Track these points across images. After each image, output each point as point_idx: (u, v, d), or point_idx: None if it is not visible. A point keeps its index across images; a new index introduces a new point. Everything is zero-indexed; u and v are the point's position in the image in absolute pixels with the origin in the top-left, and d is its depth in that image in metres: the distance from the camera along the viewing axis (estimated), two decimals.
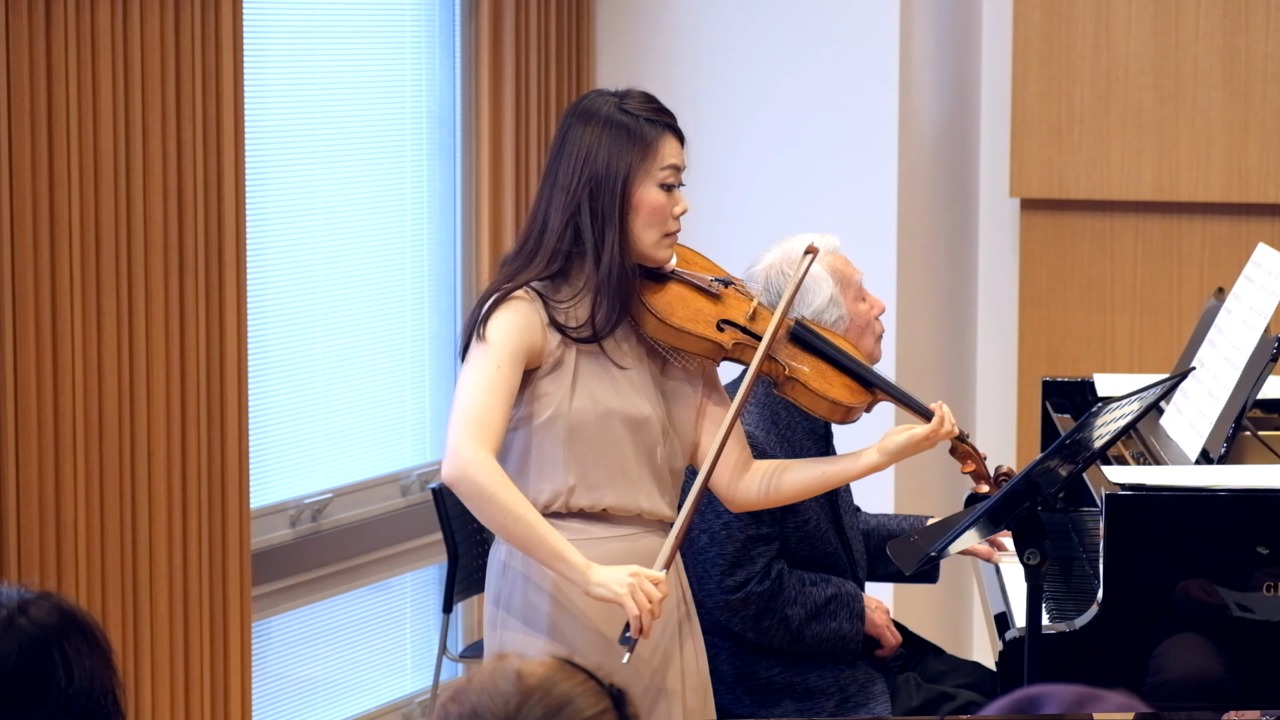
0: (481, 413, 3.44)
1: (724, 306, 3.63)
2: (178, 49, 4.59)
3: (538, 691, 2.01)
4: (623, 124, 3.53)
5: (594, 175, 3.51)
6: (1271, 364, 4.13)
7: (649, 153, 3.53)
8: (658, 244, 3.56)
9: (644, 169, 3.53)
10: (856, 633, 4.18)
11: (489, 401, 3.45)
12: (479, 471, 3.41)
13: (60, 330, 4.38)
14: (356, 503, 5.42)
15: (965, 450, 3.81)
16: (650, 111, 3.57)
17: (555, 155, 3.57)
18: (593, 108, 3.57)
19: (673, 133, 3.58)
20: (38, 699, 2.33)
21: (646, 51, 6.03)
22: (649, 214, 3.53)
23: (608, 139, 3.53)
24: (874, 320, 4.20)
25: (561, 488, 3.54)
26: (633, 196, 3.52)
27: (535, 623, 3.57)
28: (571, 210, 3.51)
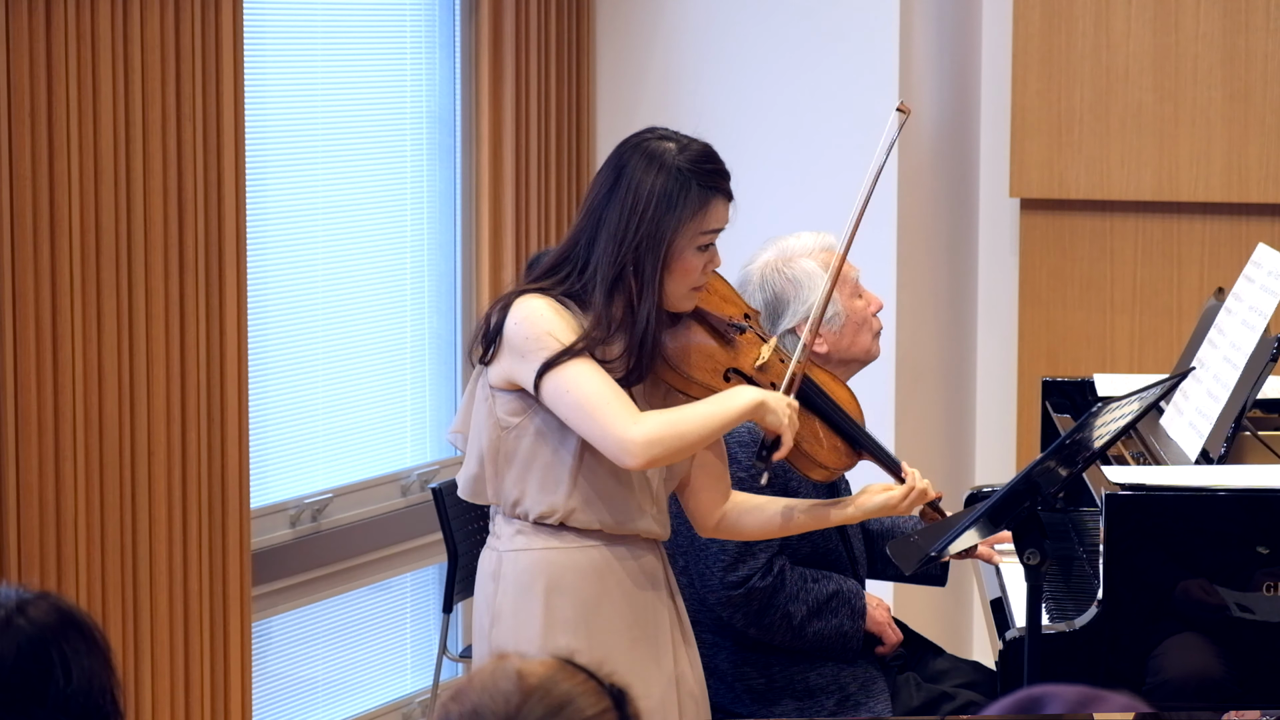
0: (611, 398, 3.43)
1: (735, 354, 3.60)
2: (178, 49, 4.59)
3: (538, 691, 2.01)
4: (681, 181, 3.50)
5: (645, 233, 3.48)
6: (1271, 364, 4.13)
7: (698, 216, 3.51)
8: (684, 298, 3.55)
9: (689, 230, 3.50)
10: (858, 630, 4.18)
11: (609, 387, 3.44)
12: (651, 437, 3.41)
13: (60, 330, 4.38)
14: (356, 503, 5.42)
15: (932, 517, 3.79)
16: (709, 175, 3.53)
17: (608, 192, 3.51)
18: (657, 153, 3.51)
19: (725, 196, 3.56)
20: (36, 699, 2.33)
21: (646, 51, 6.03)
22: (683, 274, 3.52)
23: (663, 192, 3.48)
24: (871, 317, 4.21)
25: (560, 506, 3.53)
26: (673, 258, 3.50)
27: (527, 630, 3.56)
28: (619, 265, 3.47)
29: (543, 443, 3.52)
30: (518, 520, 3.57)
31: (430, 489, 5.01)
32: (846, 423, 3.70)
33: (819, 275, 4.12)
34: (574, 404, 3.44)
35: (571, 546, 3.55)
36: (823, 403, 3.68)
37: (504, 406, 3.53)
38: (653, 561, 3.64)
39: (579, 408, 3.43)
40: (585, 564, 3.55)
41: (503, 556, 3.59)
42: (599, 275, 3.49)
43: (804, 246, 4.17)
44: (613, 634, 3.57)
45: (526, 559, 3.56)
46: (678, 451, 3.46)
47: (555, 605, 3.55)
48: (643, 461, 3.43)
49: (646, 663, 3.60)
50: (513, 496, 3.56)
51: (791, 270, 4.13)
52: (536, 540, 3.56)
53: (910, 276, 5.88)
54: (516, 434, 3.52)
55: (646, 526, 3.60)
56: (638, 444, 3.41)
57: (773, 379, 3.60)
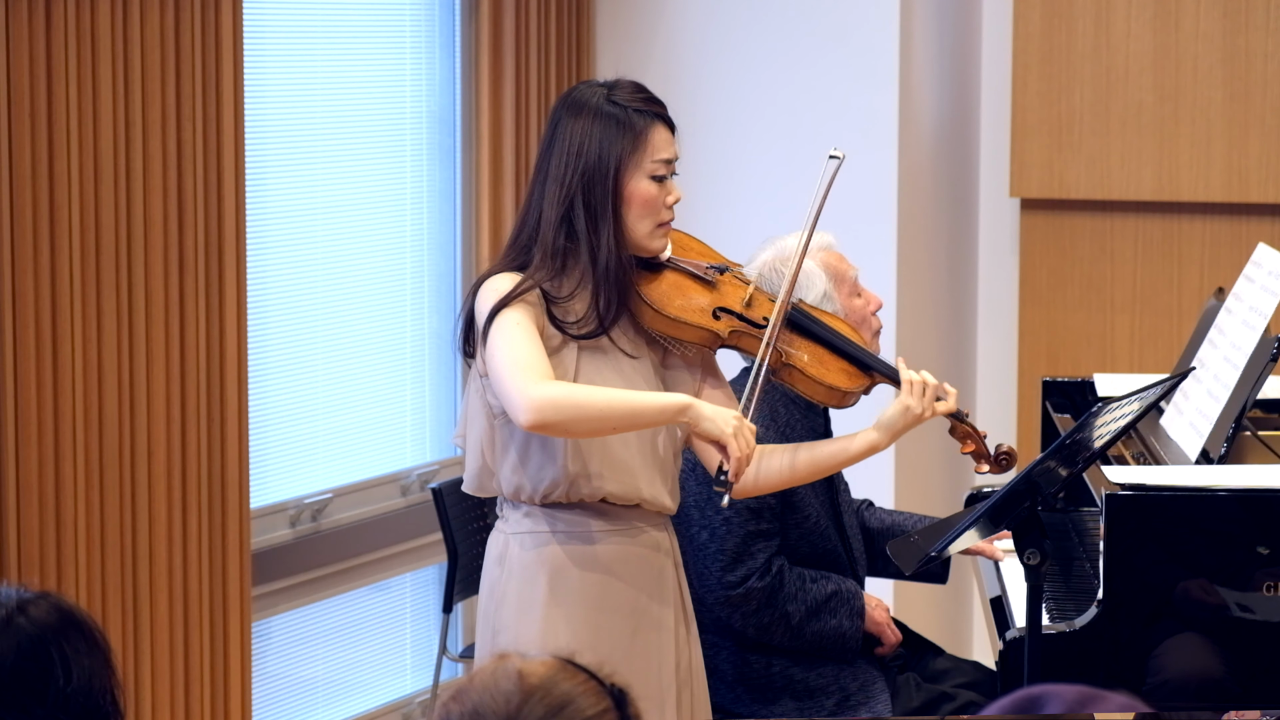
0: (524, 357, 3.40)
1: (720, 294, 3.60)
2: (178, 49, 4.59)
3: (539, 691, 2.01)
4: (612, 114, 3.51)
5: (586, 168, 3.49)
6: (1271, 364, 4.13)
7: (639, 144, 3.51)
8: (651, 234, 3.54)
9: (634, 160, 3.51)
10: (857, 630, 4.18)
11: (527, 348, 3.41)
12: (548, 398, 3.36)
13: (60, 330, 4.38)
14: (356, 503, 5.42)
15: (965, 430, 3.72)
16: (640, 101, 3.54)
17: (546, 148, 3.55)
18: (582, 99, 3.54)
19: (663, 122, 3.55)
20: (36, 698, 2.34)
21: (646, 52, 6.03)
22: (641, 205, 3.52)
23: (598, 130, 3.50)
24: (870, 316, 4.21)
25: (561, 477, 3.52)
26: (625, 189, 3.50)
27: (530, 616, 3.55)
28: (566, 204, 3.49)
29: None
30: (524, 504, 3.57)
31: (430, 489, 5.01)
32: (849, 345, 3.68)
33: (816, 274, 4.13)
34: (492, 370, 3.43)
35: (578, 532, 3.54)
36: (819, 327, 3.67)
37: (493, 392, 3.51)
38: (660, 537, 3.62)
39: (494, 373, 3.43)
40: (591, 553, 3.54)
41: (509, 539, 3.59)
42: (550, 225, 3.50)
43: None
44: (616, 623, 3.57)
45: (532, 541, 3.56)
46: (572, 422, 3.39)
47: (560, 592, 3.54)
48: (531, 419, 3.35)
49: (648, 653, 3.60)
50: (515, 482, 3.55)
51: (789, 269, 4.13)
52: (544, 523, 3.55)
53: (910, 276, 5.88)
54: (508, 419, 3.51)
55: (653, 494, 3.57)
56: (532, 400, 3.35)
57: (764, 313, 3.60)
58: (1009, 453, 3.72)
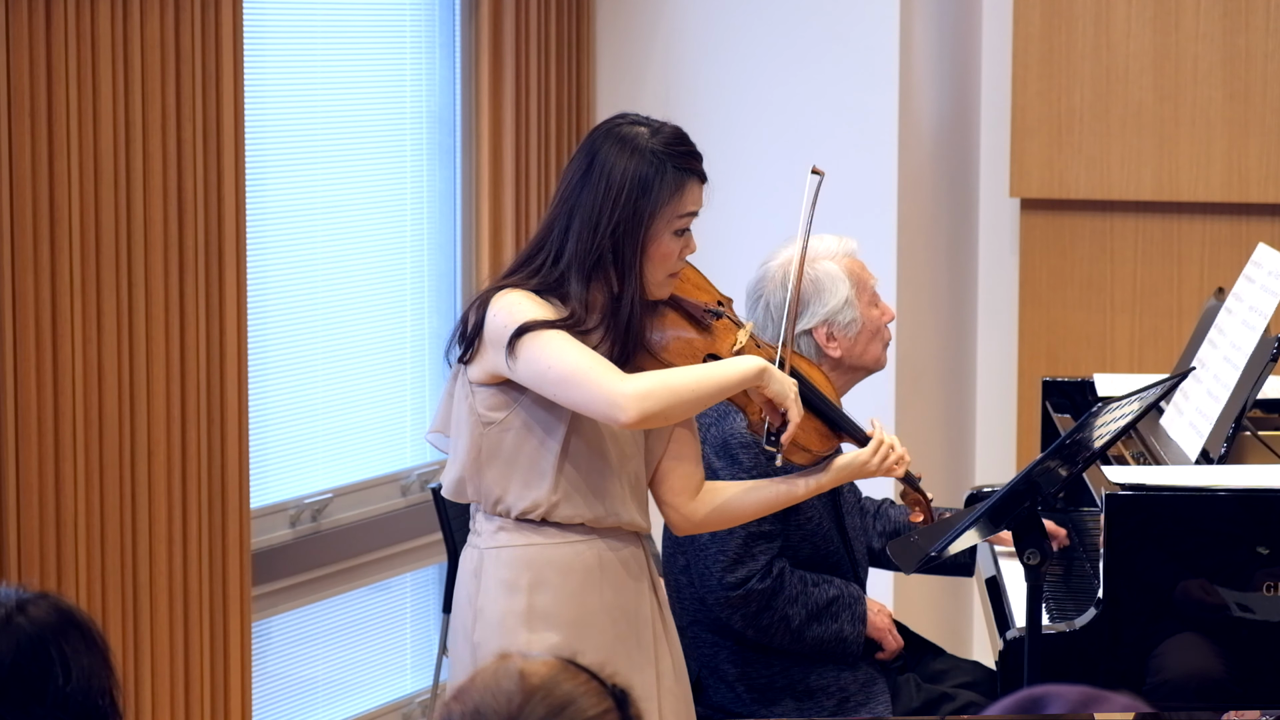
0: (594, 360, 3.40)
1: (713, 339, 3.59)
2: (178, 49, 4.59)
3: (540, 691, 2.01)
4: (654, 164, 3.48)
5: (622, 217, 3.46)
6: (1271, 364, 4.13)
7: (674, 199, 3.49)
8: (661, 284, 3.54)
9: (665, 215, 3.49)
10: (858, 635, 4.17)
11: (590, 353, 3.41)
12: (642, 392, 3.36)
13: (60, 330, 4.38)
14: (356, 503, 5.42)
15: (915, 498, 3.77)
16: (683, 157, 3.51)
17: (580, 178, 3.50)
18: (626, 138, 3.50)
19: (699, 178, 3.53)
20: (35, 697, 2.34)
21: (647, 52, 6.03)
22: (660, 259, 3.51)
23: (638, 178, 3.46)
24: (884, 327, 4.21)
25: (543, 500, 3.51)
26: (650, 242, 3.49)
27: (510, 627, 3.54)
28: (596, 252, 3.46)
29: (527, 438, 3.50)
30: (499, 517, 3.56)
31: (430, 489, 5.01)
32: (825, 405, 3.68)
33: (840, 279, 4.13)
34: (558, 377, 3.40)
35: (554, 543, 3.54)
36: (803, 388, 3.65)
37: (485, 402, 3.51)
38: (635, 553, 3.62)
39: (564, 379, 3.40)
40: (568, 561, 3.54)
41: (484, 554, 3.57)
42: (575, 263, 3.47)
43: (826, 248, 4.18)
44: (596, 632, 3.56)
45: (509, 555, 3.55)
46: (671, 408, 3.40)
47: (538, 603, 3.54)
48: (635, 415, 3.36)
49: (630, 660, 3.59)
50: (495, 494, 3.54)
51: (814, 272, 4.14)
52: (519, 537, 3.55)
53: (910, 276, 5.88)
54: (499, 430, 3.51)
55: (630, 518, 3.59)
56: (629, 397, 3.35)
57: None
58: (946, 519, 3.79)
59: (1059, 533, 4.44)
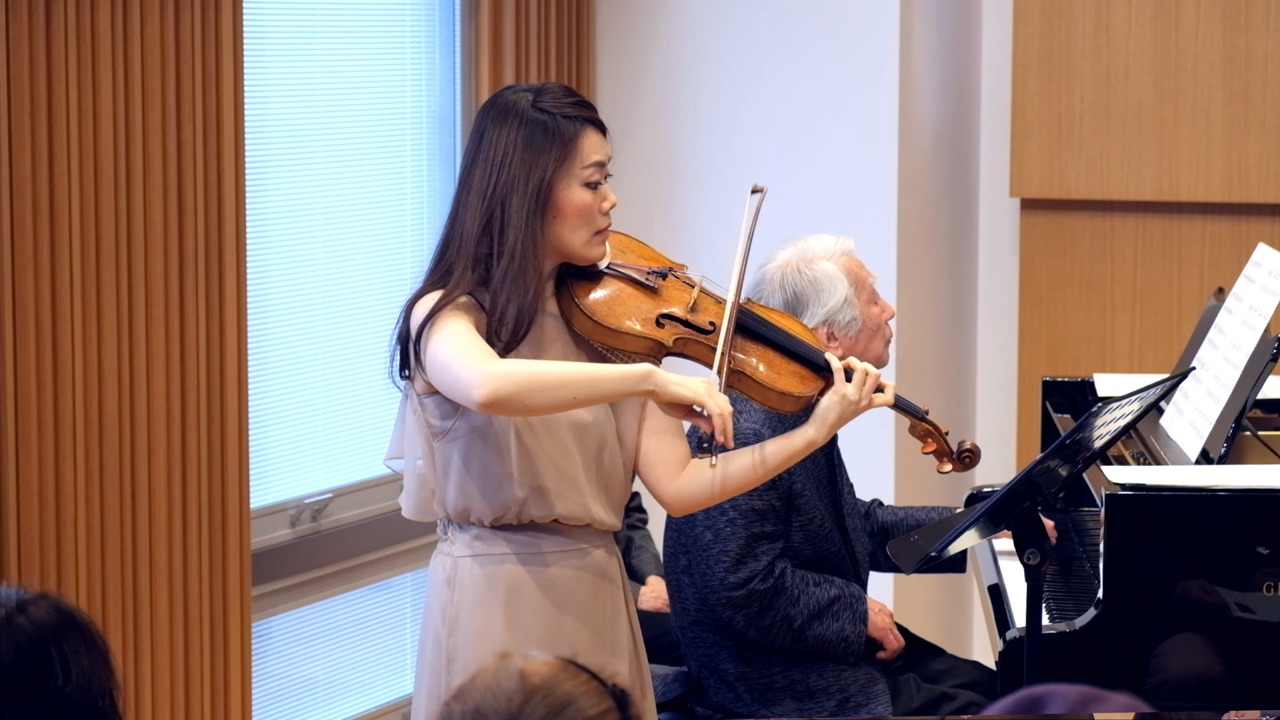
0: (470, 344, 3.29)
1: (662, 299, 3.46)
2: (178, 49, 4.59)
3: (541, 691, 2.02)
4: (539, 122, 3.38)
5: (510, 179, 3.36)
6: (1271, 364, 4.13)
7: (569, 152, 3.38)
8: (589, 243, 3.42)
9: (566, 169, 3.38)
10: (859, 635, 4.18)
11: (471, 337, 3.31)
12: (501, 371, 3.23)
13: (60, 330, 4.38)
14: (356, 503, 5.42)
15: (924, 428, 3.57)
16: (569, 107, 3.40)
17: (470, 158, 3.42)
18: (507, 106, 3.41)
19: (594, 126, 3.42)
20: (34, 697, 2.34)
21: (646, 51, 6.03)
22: (576, 214, 3.39)
23: (524, 140, 3.37)
24: (884, 324, 4.21)
25: (511, 501, 3.42)
26: (558, 199, 3.38)
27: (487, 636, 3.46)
28: (486, 216, 3.37)
29: (477, 442, 3.41)
30: (474, 526, 3.47)
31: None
32: (799, 345, 3.51)
33: (839, 278, 4.13)
34: (439, 364, 3.31)
35: (531, 554, 3.45)
36: (769, 331, 3.51)
37: (434, 412, 3.43)
38: (605, 556, 3.53)
39: (441, 365, 3.30)
40: (545, 574, 3.46)
41: (459, 562, 3.47)
42: (467, 231, 3.39)
43: (824, 248, 4.18)
44: (572, 639, 3.48)
45: (486, 564, 3.46)
46: (530, 393, 3.23)
47: (515, 611, 3.46)
48: (487, 393, 3.21)
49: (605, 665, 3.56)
50: (460, 505, 3.45)
51: (812, 271, 4.14)
52: (495, 546, 3.46)
53: (910, 276, 5.89)
54: (450, 438, 3.42)
55: (600, 515, 3.47)
56: (482, 374, 3.22)
57: (710, 318, 3.45)
58: (972, 449, 3.58)
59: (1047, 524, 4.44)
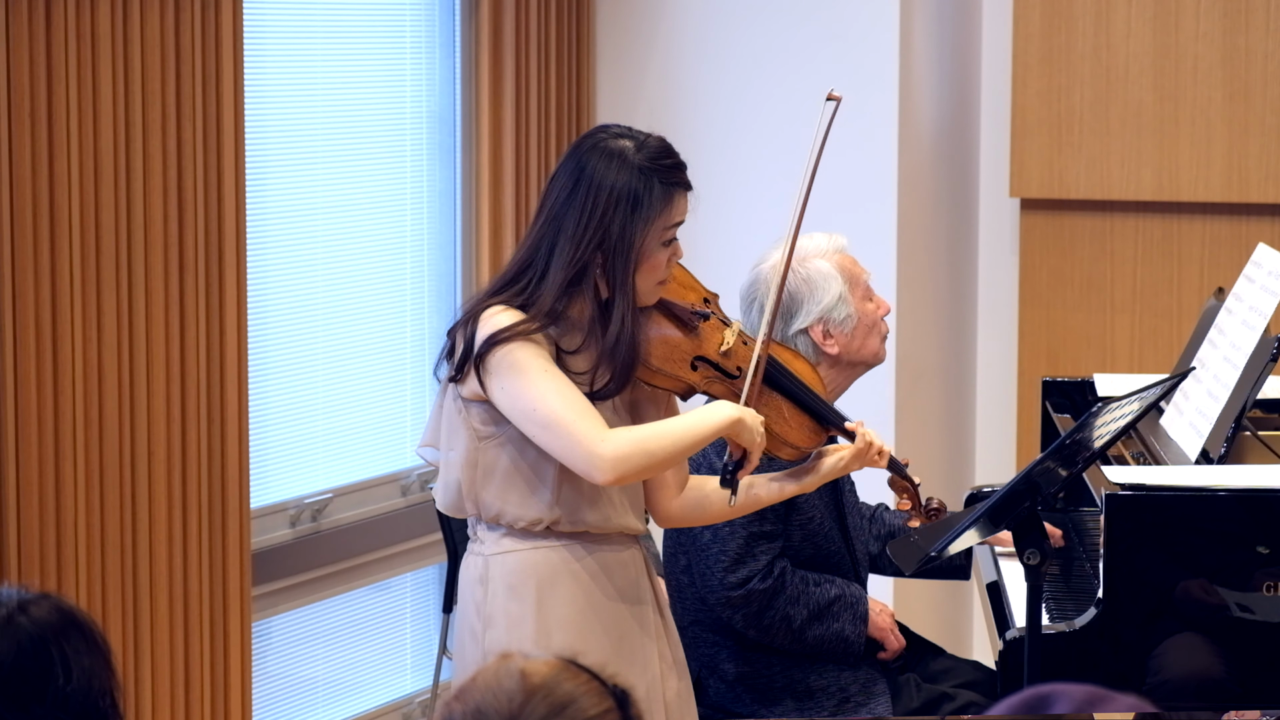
0: (576, 406, 3.40)
1: (700, 341, 3.58)
2: (178, 49, 4.59)
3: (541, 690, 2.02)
4: (644, 181, 3.46)
5: (606, 238, 3.44)
6: (1271, 364, 4.13)
7: (665, 212, 3.48)
8: (650, 293, 3.53)
9: (655, 228, 3.47)
10: (859, 635, 4.17)
11: (573, 395, 3.41)
12: (621, 454, 3.39)
13: (60, 330, 4.38)
14: (356, 503, 5.42)
15: (903, 485, 3.79)
16: (670, 170, 3.49)
17: (567, 195, 3.47)
18: (613, 153, 3.47)
19: (685, 189, 3.52)
20: (35, 696, 2.34)
21: (646, 52, 6.03)
22: (650, 270, 3.49)
23: (628, 194, 3.44)
24: (880, 320, 4.21)
25: (545, 515, 3.52)
26: (641, 256, 3.47)
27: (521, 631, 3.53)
28: (578, 269, 3.44)
29: (523, 452, 3.49)
30: (502, 527, 3.56)
31: (430, 489, 5.01)
32: (812, 399, 3.67)
33: (833, 276, 4.14)
34: (542, 421, 3.40)
35: (558, 545, 3.54)
36: (789, 382, 3.66)
37: (479, 417, 3.50)
38: (635, 555, 3.63)
39: (546, 426, 3.40)
40: (572, 564, 3.54)
41: (489, 560, 3.56)
42: (558, 278, 3.45)
43: (817, 247, 4.18)
44: (601, 632, 3.56)
45: (515, 560, 3.54)
46: (648, 469, 3.45)
47: (548, 605, 3.54)
48: (612, 478, 3.41)
49: (632, 661, 3.60)
50: (495, 509, 3.54)
51: (806, 271, 4.14)
52: (523, 543, 3.54)
53: (910, 276, 5.88)
54: (496, 445, 3.49)
55: (629, 523, 3.59)
56: (607, 460, 3.38)
57: (739, 363, 3.59)
58: (939, 508, 3.81)
59: (1055, 534, 4.44)
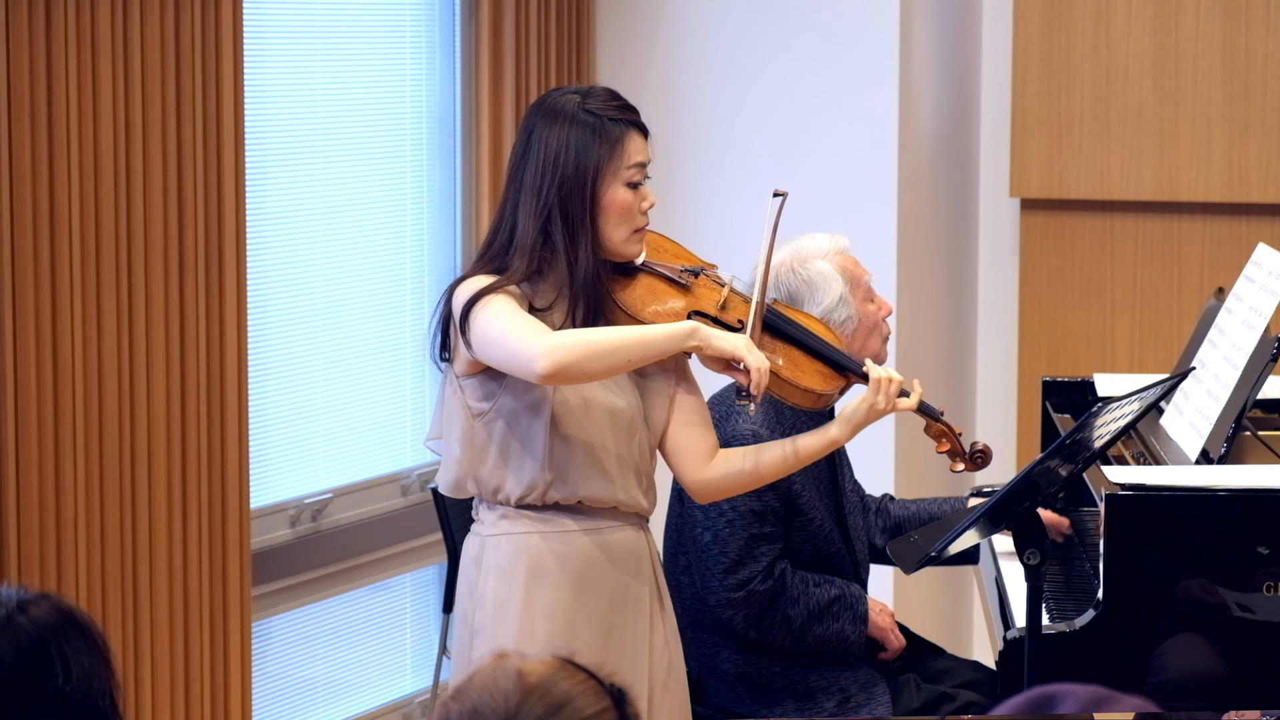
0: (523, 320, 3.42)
1: (694, 298, 3.61)
2: (178, 49, 4.59)
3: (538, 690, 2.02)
4: (587, 123, 3.53)
5: (563, 178, 3.51)
6: (1271, 364, 4.13)
7: (615, 152, 3.53)
8: (627, 240, 3.56)
9: (611, 169, 3.53)
10: (859, 635, 4.18)
11: (522, 315, 3.44)
12: (559, 343, 3.37)
13: (60, 330, 4.38)
14: (356, 503, 5.42)
15: (939, 429, 3.76)
16: (615, 110, 3.56)
17: (521, 156, 3.56)
18: (557, 107, 3.56)
19: (637, 129, 3.58)
20: (35, 696, 2.35)
21: (646, 52, 6.03)
22: (618, 213, 3.54)
23: (574, 140, 3.52)
24: (881, 322, 4.22)
25: (538, 480, 3.54)
26: (601, 197, 3.53)
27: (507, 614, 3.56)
28: (543, 214, 3.51)
29: (515, 422, 3.53)
30: (500, 505, 3.59)
31: (430, 489, 5.01)
32: (823, 346, 3.67)
33: (834, 277, 4.16)
34: (492, 339, 3.43)
35: (554, 531, 3.56)
36: (794, 330, 3.67)
37: (473, 393, 3.55)
38: (635, 536, 3.63)
39: (494, 340, 3.42)
40: (567, 550, 3.56)
41: (485, 541, 3.61)
42: (521, 228, 3.52)
43: (819, 248, 4.21)
44: (589, 624, 3.58)
45: (509, 544, 3.57)
46: (588, 360, 3.38)
47: (534, 592, 3.56)
48: (549, 366, 3.35)
49: (621, 654, 3.61)
50: (493, 483, 3.57)
51: (806, 271, 4.17)
52: (520, 524, 3.57)
53: (910, 276, 5.88)
54: (489, 419, 3.54)
55: (630, 499, 3.59)
56: (543, 348, 3.36)
57: (739, 316, 3.60)
58: (984, 450, 3.77)
59: (1062, 523, 4.45)
